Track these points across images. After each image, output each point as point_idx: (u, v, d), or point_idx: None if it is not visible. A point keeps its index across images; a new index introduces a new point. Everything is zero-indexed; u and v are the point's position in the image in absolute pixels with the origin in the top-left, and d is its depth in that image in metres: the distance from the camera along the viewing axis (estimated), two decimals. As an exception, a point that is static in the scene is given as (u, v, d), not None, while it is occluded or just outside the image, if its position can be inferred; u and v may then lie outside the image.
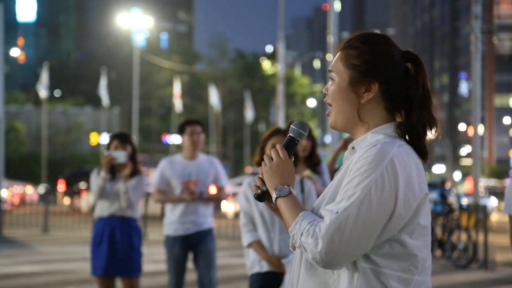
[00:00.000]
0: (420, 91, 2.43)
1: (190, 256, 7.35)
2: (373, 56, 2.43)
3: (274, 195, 2.43)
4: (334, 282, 2.37)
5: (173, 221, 7.22)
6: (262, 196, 2.50)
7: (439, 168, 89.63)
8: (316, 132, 67.22)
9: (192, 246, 7.23)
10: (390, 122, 2.45)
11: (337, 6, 26.90)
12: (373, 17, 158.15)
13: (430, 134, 2.46)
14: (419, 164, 2.40)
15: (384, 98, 2.43)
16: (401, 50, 2.48)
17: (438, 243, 14.98)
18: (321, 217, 2.33)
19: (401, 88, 2.43)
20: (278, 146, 2.48)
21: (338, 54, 2.50)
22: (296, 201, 2.41)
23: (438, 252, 15.28)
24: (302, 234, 2.31)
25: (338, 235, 2.25)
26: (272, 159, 2.47)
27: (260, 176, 2.49)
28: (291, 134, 2.51)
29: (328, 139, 32.10)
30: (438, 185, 28.83)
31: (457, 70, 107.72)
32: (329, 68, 2.51)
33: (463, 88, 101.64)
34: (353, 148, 2.48)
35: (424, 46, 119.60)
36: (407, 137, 2.42)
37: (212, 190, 7.42)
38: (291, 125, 2.51)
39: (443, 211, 15.60)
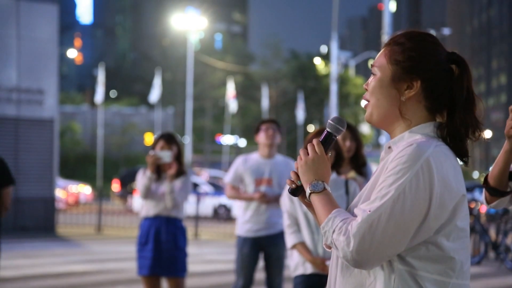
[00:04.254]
0: (464, 93, 2.39)
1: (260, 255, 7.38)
2: (417, 53, 2.40)
3: (308, 191, 2.41)
4: (370, 284, 2.33)
5: (245, 221, 7.24)
6: (296, 191, 2.48)
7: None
8: (371, 133, 66.78)
9: (263, 248, 7.25)
10: (430, 122, 2.40)
11: (393, 6, 26.73)
12: (429, 17, 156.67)
13: (473, 137, 2.41)
14: (457, 165, 2.35)
15: (425, 96, 2.40)
16: (447, 51, 2.44)
17: (492, 246, 14.72)
18: (356, 216, 2.30)
19: (444, 88, 2.40)
20: (314, 141, 2.46)
21: (382, 50, 2.48)
22: (330, 198, 2.38)
23: (492, 255, 15.03)
24: (334, 231, 2.28)
25: (369, 234, 2.22)
26: (308, 154, 2.44)
27: (295, 170, 2.47)
28: (328, 129, 2.48)
29: (382, 140, 31.86)
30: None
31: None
32: (372, 63, 2.48)
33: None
34: (389, 147, 2.44)
35: (482, 45, 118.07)
36: (447, 139, 2.38)
37: None
38: (329, 121, 2.47)
39: (498, 212, 15.33)
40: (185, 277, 7.08)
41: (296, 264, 5.40)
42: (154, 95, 47.57)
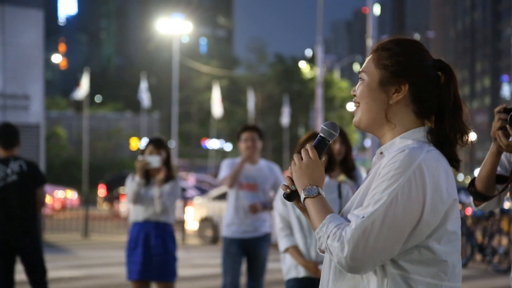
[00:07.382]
0: (452, 99, 2.42)
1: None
2: (405, 58, 2.43)
3: (302, 195, 2.43)
4: (364, 288, 2.36)
5: (231, 224, 7.39)
6: (291, 195, 2.50)
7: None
8: (356, 136, 66.88)
9: (248, 250, 7.41)
10: (418, 127, 2.44)
11: (377, 9, 26.81)
12: (413, 20, 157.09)
13: (461, 143, 2.44)
14: (448, 169, 2.38)
15: (413, 100, 2.43)
16: (433, 58, 2.48)
17: (478, 248, 14.79)
18: (349, 221, 2.32)
19: (431, 93, 2.43)
20: (308, 146, 2.48)
21: (370, 56, 2.51)
22: (324, 202, 2.41)
23: (479, 257, 15.10)
24: (328, 237, 2.31)
25: (363, 240, 2.24)
26: (302, 159, 2.46)
27: (290, 175, 2.49)
28: (321, 134, 2.51)
29: (368, 143, 31.94)
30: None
31: (499, 73, 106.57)
32: (359, 70, 2.51)
33: (505, 90, 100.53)
34: (381, 153, 2.47)
35: (465, 48, 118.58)
36: (438, 144, 2.41)
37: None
38: (322, 126, 2.50)
39: (484, 215, 15.41)
40: (175, 282, 7.09)
41: (288, 268, 5.42)
42: (144, 100, 47.53)
